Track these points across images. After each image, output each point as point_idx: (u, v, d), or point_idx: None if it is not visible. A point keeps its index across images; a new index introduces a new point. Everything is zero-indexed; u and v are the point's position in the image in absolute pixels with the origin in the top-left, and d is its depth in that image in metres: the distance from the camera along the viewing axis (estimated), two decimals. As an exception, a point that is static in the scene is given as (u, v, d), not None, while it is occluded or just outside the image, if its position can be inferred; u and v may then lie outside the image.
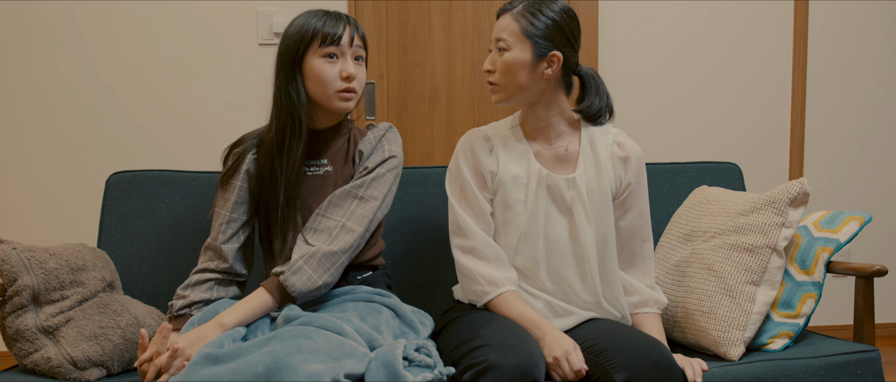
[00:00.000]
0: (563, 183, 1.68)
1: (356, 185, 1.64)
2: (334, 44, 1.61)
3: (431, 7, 2.93)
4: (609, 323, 1.64)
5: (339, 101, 1.64)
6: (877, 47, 3.19)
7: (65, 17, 2.77)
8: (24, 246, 1.60)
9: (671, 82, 3.07)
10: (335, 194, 1.64)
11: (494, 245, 1.69)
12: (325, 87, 1.63)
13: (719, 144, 3.11)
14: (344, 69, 1.63)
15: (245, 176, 1.69)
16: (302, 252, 1.57)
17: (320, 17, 1.64)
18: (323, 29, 1.61)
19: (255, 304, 1.54)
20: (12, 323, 1.55)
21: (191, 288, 1.62)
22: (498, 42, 1.66)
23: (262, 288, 1.56)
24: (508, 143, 1.74)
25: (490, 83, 1.70)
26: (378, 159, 1.67)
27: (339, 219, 1.61)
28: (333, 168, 1.71)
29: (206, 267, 1.65)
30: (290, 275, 1.54)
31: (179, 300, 1.60)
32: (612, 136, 1.76)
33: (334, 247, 1.57)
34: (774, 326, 1.75)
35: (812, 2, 3.12)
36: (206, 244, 1.69)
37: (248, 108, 2.84)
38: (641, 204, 1.76)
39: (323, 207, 1.63)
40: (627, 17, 3.04)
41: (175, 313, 1.59)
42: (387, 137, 1.72)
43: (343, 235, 1.59)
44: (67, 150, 2.81)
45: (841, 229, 1.79)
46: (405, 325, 1.64)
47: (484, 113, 2.98)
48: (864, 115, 3.21)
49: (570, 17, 1.68)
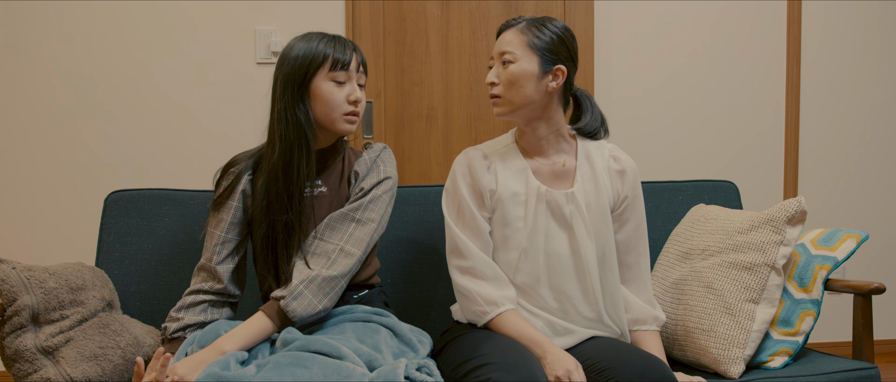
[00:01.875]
0: (563, 198, 1.69)
1: (353, 208, 1.65)
2: (344, 69, 1.64)
3: (429, 27, 2.95)
4: (610, 341, 1.64)
5: (345, 123, 1.67)
6: (869, 68, 3.22)
7: (62, 36, 2.78)
8: (23, 266, 1.59)
9: (667, 102, 3.10)
10: (332, 217, 1.64)
11: (493, 264, 1.69)
12: (332, 109, 1.65)
13: (715, 162, 3.13)
14: (351, 93, 1.65)
15: (241, 197, 1.69)
16: (302, 277, 1.56)
17: (328, 42, 1.66)
18: (333, 54, 1.64)
19: (255, 329, 1.53)
20: (11, 344, 1.54)
21: (184, 310, 1.61)
22: (503, 55, 1.67)
23: (261, 313, 1.55)
24: (506, 160, 1.74)
25: (493, 96, 1.70)
26: (373, 181, 1.68)
27: (338, 242, 1.61)
28: (328, 188, 1.71)
29: (199, 288, 1.64)
30: (290, 300, 1.54)
31: (173, 322, 1.59)
32: (607, 150, 1.78)
33: (334, 272, 1.58)
34: (774, 344, 1.76)
35: (805, 25, 3.16)
36: (199, 265, 1.68)
37: (246, 127, 2.84)
38: (638, 217, 1.77)
39: (321, 230, 1.63)
40: (623, 38, 3.06)
41: (169, 336, 1.58)
42: (382, 158, 1.74)
43: (342, 259, 1.60)
44: (65, 169, 2.80)
45: (838, 247, 1.80)
46: (404, 344, 1.63)
47: (481, 131, 2.99)
48: (857, 134, 3.24)
49: (571, 35, 1.72)
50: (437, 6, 2.95)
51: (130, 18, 2.80)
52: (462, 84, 2.98)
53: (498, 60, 1.69)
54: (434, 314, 2.02)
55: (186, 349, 1.52)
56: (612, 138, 3.02)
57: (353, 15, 2.89)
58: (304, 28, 2.82)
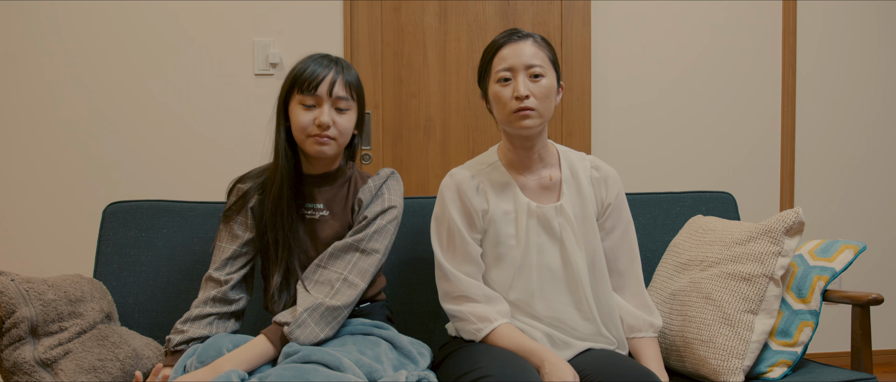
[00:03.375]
0: (552, 211, 1.71)
1: (358, 238, 1.64)
2: (310, 92, 1.63)
3: (426, 39, 2.96)
4: (605, 354, 1.64)
5: (315, 145, 1.65)
6: (863, 79, 3.24)
7: (60, 47, 2.78)
8: (22, 278, 1.59)
9: (663, 113, 3.11)
10: (337, 246, 1.64)
11: (483, 286, 1.70)
12: (299, 131, 1.65)
13: (711, 173, 3.14)
14: (317, 117, 1.63)
15: (249, 213, 1.70)
16: (306, 305, 1.56)
17: (307, 63, 1.67)
18: (302, 75, 1.64)
19: (256, 352, 1.52)
20: (10, 356, 1.53)
21: (190, 323, 1.61)
22: (532, 68, 1.67)
23: (263, 337, 1.55)
24: (492, 179, 1.75)
25: (530, 109, 1.66)
26: (377, 210, 1.67)
27: (341, 271, 1.61)
28: (330, 213, 1.71)
29: (207, 300, 1.64)
30: (295, 328, 1.54)
31: (177, 334, 1.59)
32: (588, 161, 1.81)
33: (337, 302, 1.58)
34: (773, 354, 1.76)
35: (800, 37, 3.17)
36: (207, 276, 1.68)
37: (244, 138, 2.84)
38: (624, 223, 1.79)
39: (324, 257, 1.63)
40: (620, 51, 3.08)
41: (172, 348, 1.58)
42: (387, 186, 1.73)
43: (345, 289, 1.60)
44: (64, 180, 2.80)
45: (836, 258, 1.81)
46: (403, 356, 1.63)
47: (478, 143, 3.00)
48: (853, 145, 3.25)
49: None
50: (434, 19, 2.96)
51: (129, 30, 2.81)
52: (460, 96, 2.99)
53: (525, 73, 1.67)
54: (436, 326, 2.02)
55: (185, 362, 1.52)
56: (610, 149, 3.05)
57: (352, 27, 2.90)
58: (303, 38, 2.86)
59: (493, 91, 1.70)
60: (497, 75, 1.69)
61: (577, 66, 3.00)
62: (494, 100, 1.70)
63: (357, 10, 2.91)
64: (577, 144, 2.98)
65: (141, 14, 2.81)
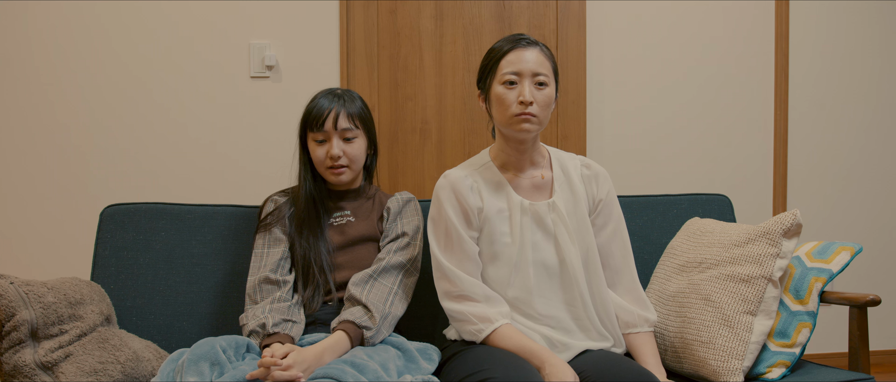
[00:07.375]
0: (545, 208, 1.74)
1: (409, 258, 1.83)
2: (318, 129, 1.83)
3: (423, 42, 2.97)
4: (603, 355, 1.65)
5: (332, 175, 1.86)
6: (856, 83, 3.27)
7: (56, 50, 2.77)
8: (21, 280, 1.58)
9: (658, 117, 3.12)
10: (390, 263, 1.79)
11: (482, 286, 1.71)
12: (317, 164, 1.87)
13: (706, 176, 3.15)
14: (328, 150, 1.83)
15: (286, 221, 1.86)
16: (381, 312, 1.70)
17: (316, 101, 1.86)
18: (310, 114, 1.85)
19: (343, 348, 1.64)
20: (10, 359, 1.52)
21: (270, 314, 1.67)
22: (538, 76, 1.70)
23: (345, 335, 1.65)
24: (486, 179, 1.78)
25: (532, 115, 1.69)
26: (412, 227, 1.87)
27: (391, 285, 1.77)
28: (357, 217, 1.89)
29: (273, 298, 1.72)
30: (375, 334, 1.68)
31: (265, 320, 1.65)
32: (579, 161, 1.86)
33: (397, 311, 1.76)
34: (771, 355, 1.77)
35: (792, 42, 3.20)
36: (262, 279, 1.76)
37: (239, 141, 2.84)
38: (616, 219, 1.83)
39: (377, 270, 1.77)
40: (614, 53, 3.09)
41: (270, 331, 1.64)
42: (414, 207, 1.93)
43: (397, 301, 1.77)
44: (60, 183, 2.78)
45: (833, 260, 1.82)
46: (410, 361, 1.67)
47: (474, 145, 3.01)
48: (845, 148, 3.28)
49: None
50: (430, 21, 2.97)
51: (125, 32, 2.80)
52: (455, 99, 2.99)
53: (531, 79, 1.70)
54: (433, 329, 2.02)
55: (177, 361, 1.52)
56: (606, 152, 3.06)
57: (348, 29, 2.90)
58: (299, 41, 2.86)
59: (497, 92, 1.71)
60: (503, 77, 1.70)
61: (572, 68, 3.01)
62: (497, 101, 1.71)
63: (353, 13, 2.91)
64: (573, 147, 2.99)
65: (136, 16, 2.79)
